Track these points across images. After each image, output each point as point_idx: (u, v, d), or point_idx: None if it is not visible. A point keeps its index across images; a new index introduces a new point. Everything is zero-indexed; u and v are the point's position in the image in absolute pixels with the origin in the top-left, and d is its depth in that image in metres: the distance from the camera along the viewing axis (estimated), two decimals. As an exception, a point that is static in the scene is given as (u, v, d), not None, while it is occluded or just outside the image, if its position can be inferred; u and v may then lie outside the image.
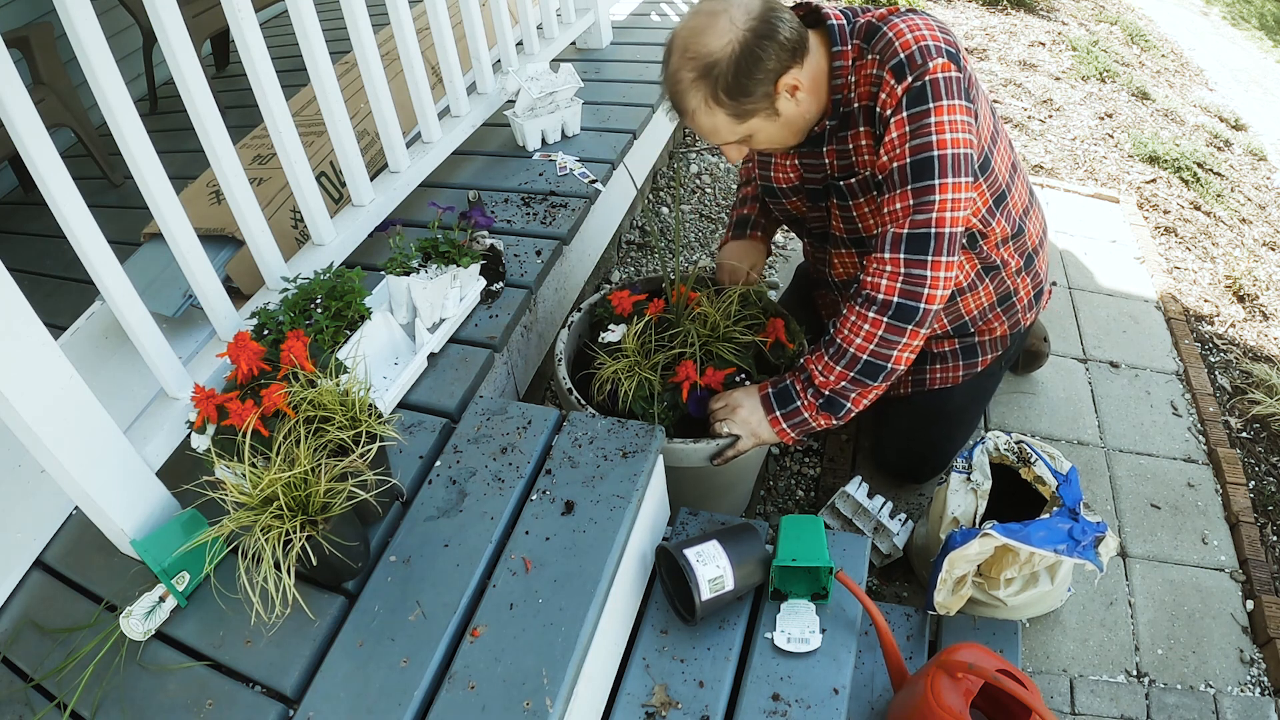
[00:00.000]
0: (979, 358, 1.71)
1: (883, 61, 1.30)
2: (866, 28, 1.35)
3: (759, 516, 1.96)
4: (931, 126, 1.26)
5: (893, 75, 1.28)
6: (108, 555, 1.32)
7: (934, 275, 1.30)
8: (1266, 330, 2.72)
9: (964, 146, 1.28)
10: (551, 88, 2.21)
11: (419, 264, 1.57)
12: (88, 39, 1.19)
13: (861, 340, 1.36)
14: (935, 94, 1.25)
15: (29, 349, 1.05)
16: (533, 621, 1.16)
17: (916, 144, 1.28)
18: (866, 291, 1.35)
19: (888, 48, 1.29)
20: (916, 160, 1.28)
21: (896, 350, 1.36)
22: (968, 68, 1.30)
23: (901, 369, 1.39)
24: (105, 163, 2.91)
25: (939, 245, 1.29)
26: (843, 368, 1.39)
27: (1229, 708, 1.61)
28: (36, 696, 1.18)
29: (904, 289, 1.32)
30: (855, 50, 1.35)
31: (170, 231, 1.38)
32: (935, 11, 4.95)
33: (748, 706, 1.23)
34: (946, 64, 1.26)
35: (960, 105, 1.27)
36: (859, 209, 1.50)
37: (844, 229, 1.56)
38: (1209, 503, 2.00)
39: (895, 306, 1.33)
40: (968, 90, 1.29)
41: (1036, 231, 1.62)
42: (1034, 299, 1.68)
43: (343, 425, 1.18)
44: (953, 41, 1.29)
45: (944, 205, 1.28)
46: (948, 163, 1.27)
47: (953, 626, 1.54)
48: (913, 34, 1.28)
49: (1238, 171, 3.88)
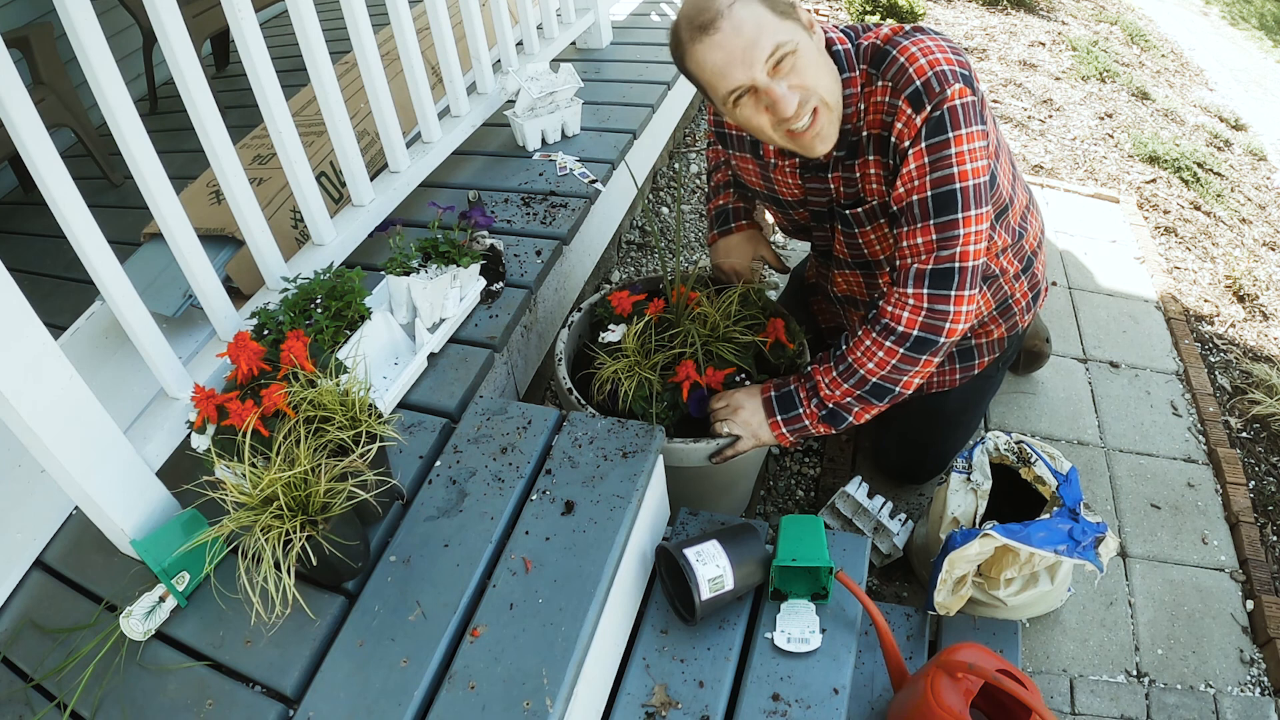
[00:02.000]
0: (976, 360, 1.71)
1: (896, 89, 1.25)
2: (873, 51, 1.30)
3: (759, 516, 1.96)
4: (952, 158, 1.22)
5: (909, 105, 1.23)
6: (108, 555, 1.32)
7: (957, 310, 1.29)
8: (1266, 330, 2.72)
9: (984, 175, 1.25)
10: (551, 88, 2.21)
11: (419, 264, 1.57)
12: (88, 39, 1.19)
13: (874, 365, 1.36)
14: (955, 123, 1.21)
15: (29, 349, 1.05)
16: (533, 621, 1.16)
17: (937, 176, 1.24)
18: (886, 321, 1.33)
19: (900, 74, 1.24)
20: (939, 194, 1.24)
21: (907, 376, 1.36)
22: (980, 88, 1.27)
23: (909, 393, 1.40)
24: (105, 163, 2.91)
25: (963, 280, 1.27)
26: (850, 385, 1.39)
27: (1229, 708, 1.61)
28: (36, 696, 1.17)
29: (926, 323, 1.30)
30: (863, 76, 1.30)
31: (170, 231, 1.38)
32: (935, 11, 4.95)
33: (748, 706, 1.23)
34: (963, 89, 1.21)
35: (978, 132, 1.23)
36: (864, 237, 1.47)
37: (848, 253, 1.55)
38: (1209, 503, 2.00)
39: (914, 339, 1.32)
40: (981, 113, 1.26)
41: (1035, 234, 1.61)
42: (1032, 300, 1.68)
43: (343, 425, 1.18)
44: (965, 62, 1.24)
45: (968, 239, 1.26)
46: (969, 195, 1.24)
47: (953, 626, 1.54)
48: (926, 58, 1.22)
49: (1238, 171, 3.88)
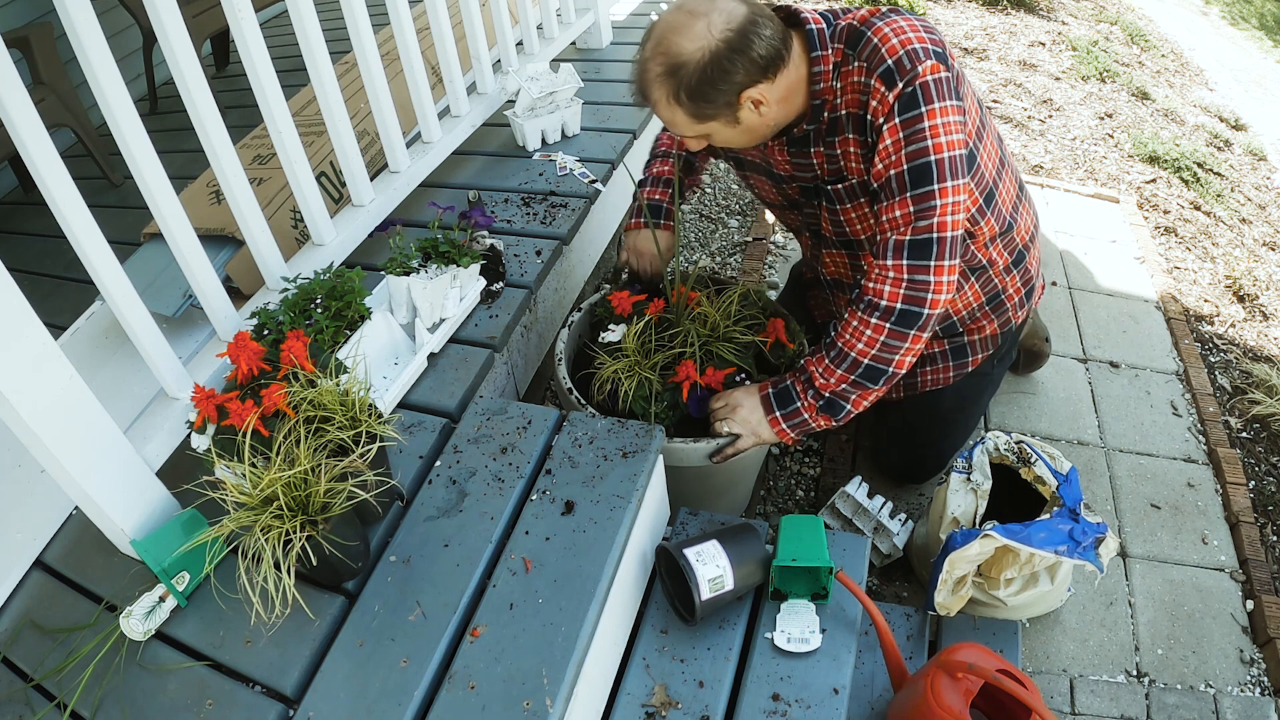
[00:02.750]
0: (969, 357, 1.71)
1: (870, 69, 1.29)
2: (849, 32, 1.32)
3: (759, 516, 1.96)
4: (926, 131, 1.26)
5: (882, 83, 1.27)
6: (108, 555, 1.32)
7: (937, 280, 1.30)
8: (1266, 330, 2.72)
9: (959, 147, 1.28)
10: (551, 88, 2.21)
11: (419, 264, 1.57)
12: (88, 39, 1.19)
13: (863, 345, 1.36)
14: (927, 97, 1.25)
15: (29, 349, 1.05)
16: (533, 621, 1.16)
17: (913, 150, 1.27)
18: (869, 298, 1.35)
19: (874, 54, 1.28)
20: (914, 166, 1.27)
21: (899, 354, 1.36)
22: (955, 64, 1.30)
23: (902, 372, 1.40)
24: (105, 163, 2.91)
25: (941, 250, 1.29)
26: (844, 371, 1.39)
27: (1229, 708, 1.61)
28: (36, 696, 1.17)
29: (907, 294, 1.31)
30: (838, 55, 1.33)
31: (170, 231, 1.38)
32: (935, 11, 4.95)
33: (748, 706, 1.23)
34: (935, 65, 1.25)
35: (952, 105, 1.26)
36: (845, 214, 1.50)
37: (832, 231, 1.57)
38: (1209, 503, 2.00)
39: (898, 313, 1.32)
40: (957, 88, 1.29)
41: (1027, 227, 1.61)
42: (1025, 296, 1.67)
43: (343, 425, 1.18)
44: (938, 40, 1.28)
45: (945, 210, 1.28)
46: (945, 166, 1.27)
47: (953, 626, 1.54)
48: (898, 38, 1.26)
49: (1238, 171, 3.88)
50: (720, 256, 2.73)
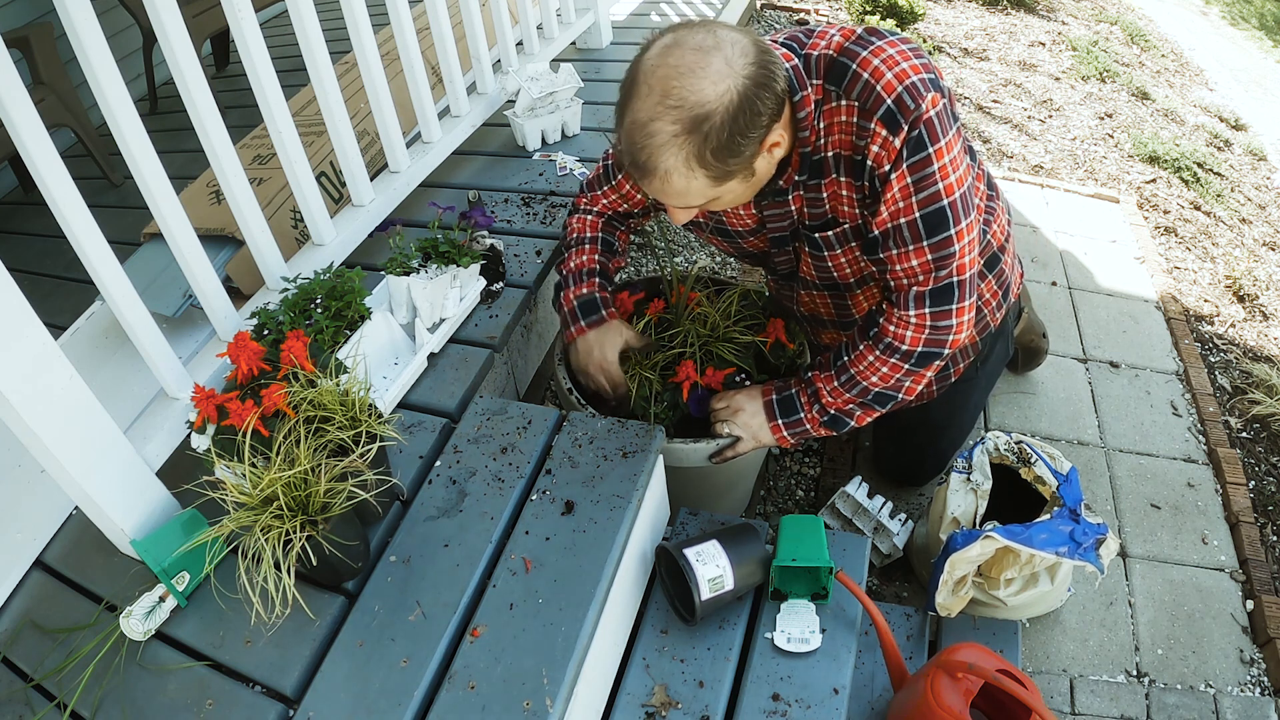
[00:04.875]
0: (950, 370, 1.67)
1: (865, 110, 1.15)
2: (828, 64, 1.17)
3: (759, 516, 1.96)
4: (936, 175, 1.17)
5: (884, 126, 1.14)
6: (108, 555, 1.32)
7: (959, 321, 1.28)
8: (1266, 330, 2.72)
9: (966, 181, 1.22)
10: (551, 88, 2.21)
11: (419, 264, 1.57)
12: (88, 39, 1.19)
13: (877, 379, 1.36)
14: (933, 136, 1.14)
15: (29, 349, 1.05)
16: (533, 621, 1.16)
17: (924, 196, 1.18)
18: (889, 340, 1.31)
19: (867, 93, 1.14)
20: (927, 214, 1.19)
21: (910, 383, 1.37)
22: (943, 83, 1.20)
23: (910, 398, 1.40)
24: (105, 163, 2.91)
25: (962, 292, 1.26)
26: (853, 395, 1.39)
27: (1229, 708, 1.61)
28: (36, 696, 1.17)
29: (929, 339, 1.30)
30: (818, 92, 1.19)
31: (170, 231, 1.38)
32: (935, 11, 4.94)
33: (748, 706, 1.23)
34: (935, 98, 1.13)
35: (953, 137, 1.17)
36: (834, 259, 1.40)
37: (816, 275, 1.47)
38: (1209, 503, 2.00)
39: (919, 355, 1.31)
40: (953, 111, 1.21)
41: (1001, 228, 1.54)
42: (1002, 299, 1.62)
43: (343, 425, 1.18)
44: (928, 64, 1.16)
45: (963, 253, 1.23)
46: (958, 208, 1.20)
47: (953, 626, 1.54)
48: (892, 72, 1.12)
49: (1238, 171, 3.88)
50: (720, 256, 2.73)
